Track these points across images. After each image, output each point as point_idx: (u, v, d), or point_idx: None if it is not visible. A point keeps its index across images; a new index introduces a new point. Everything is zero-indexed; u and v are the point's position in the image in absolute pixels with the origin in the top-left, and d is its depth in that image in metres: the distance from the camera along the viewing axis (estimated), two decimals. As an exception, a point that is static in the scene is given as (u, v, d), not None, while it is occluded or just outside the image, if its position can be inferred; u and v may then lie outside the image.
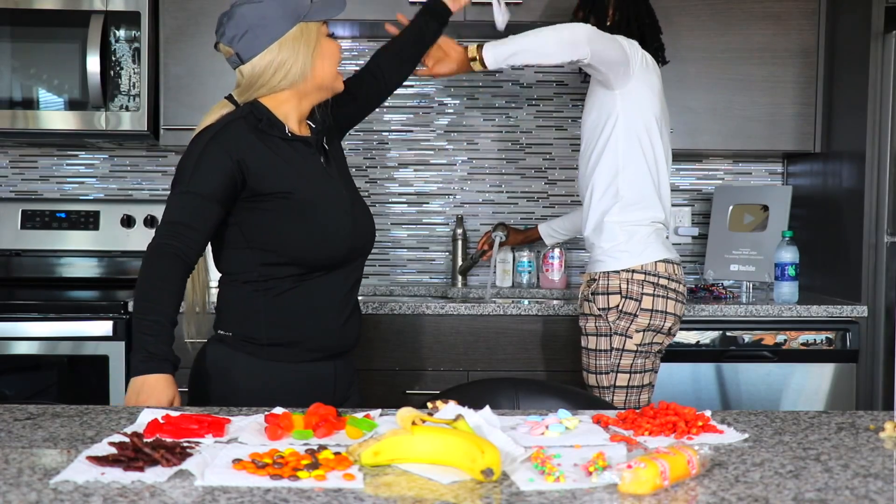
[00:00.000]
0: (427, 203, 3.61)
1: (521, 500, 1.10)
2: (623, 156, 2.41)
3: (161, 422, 1.38)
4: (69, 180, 3.54)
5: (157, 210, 3.34)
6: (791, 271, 3.05)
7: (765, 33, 3.23)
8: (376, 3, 3.13)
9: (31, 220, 3.38)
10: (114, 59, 3.09)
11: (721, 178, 3.64)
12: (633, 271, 2.39)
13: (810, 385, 2.99)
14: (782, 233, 3.14)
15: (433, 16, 2.23)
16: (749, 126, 3.26)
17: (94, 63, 3.03)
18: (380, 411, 1.51)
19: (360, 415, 1.46)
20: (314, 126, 1.96)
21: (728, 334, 2.98)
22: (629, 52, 2.38)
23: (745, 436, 1.41)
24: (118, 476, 1.16)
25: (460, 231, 3.52)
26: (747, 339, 2.98)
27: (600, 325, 2.42)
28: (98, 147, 3.52)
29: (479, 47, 2.29)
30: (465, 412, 1.30)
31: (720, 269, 3.39)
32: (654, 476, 1.12)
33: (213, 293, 1.97)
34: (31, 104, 3.10)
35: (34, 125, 3.11)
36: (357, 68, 2.33)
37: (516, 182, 3.61)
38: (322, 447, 1.28)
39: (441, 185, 3.60)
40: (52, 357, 2.87)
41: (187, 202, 1.79)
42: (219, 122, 1.85)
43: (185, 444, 1.29)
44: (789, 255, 3.05)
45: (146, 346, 1.70)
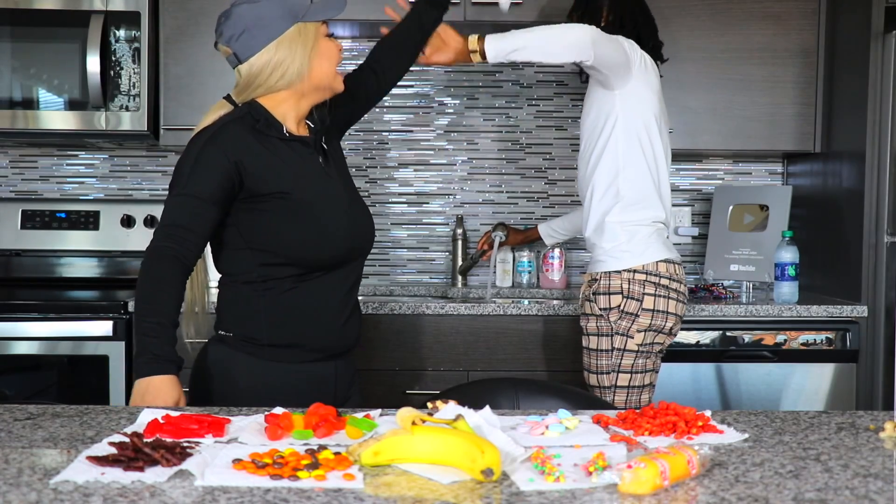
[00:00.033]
0: (427, 203, 3.61)
1: (521, 500, 1.10)
2: (623, 156, 2.41)
3: (161, 422, 1.38)
4: (69, 180, 3.54)
5: (158, 210, 3.34)
6: (791, 271, 3.05)
7: (765, 33, 3.23)
8: (376, 3, 3.10)
9: (31, 220, 3.38)
10: (114, 59, 3.09)
11: (721, 178, 3.64)
12: (635, 271, 2.38)
13: (810, 385, 2.99)
14: (782, 233, 3.14)
15: (433, 4, 2.20)
16: (749, 126, 3.26)
17: (94, 63, 3.03)
18: (380, 411, 1.51)
19: (360, 415, 1.46)
20: (313, 126, 1.96)
21: (728, 334, 2.98)
22: (630, 54, 2.37)
23: (745, 436, 1.41)
24: (118, 476, 1.16)
25: (460, 231, 3.52)
26: (747, 339, 2.98)
27: (601, 324, 2.42)
28: (98, 147, 3.52)
29: (481, 39, 2.24)
30: (465, 412, 1.30)
31: (720, 269, 3.39)
32: (654, 476, 1.12)
33: (213, 293, 1.97)
34: (31, 104, 3.10)
35: (34, 125, 3.11)
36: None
37: (516, 182, 3.61)
38: (322, 447, 1.28)
39: (441, 185, 3.60)
40: (52, 357, 2.87)
41: (185, 205, 1.79)
42: (216, 123, 1.85)
43: (185, 444, 1.29)
44: (789, 255, 3.05)
45: (150, 347, 1.70)
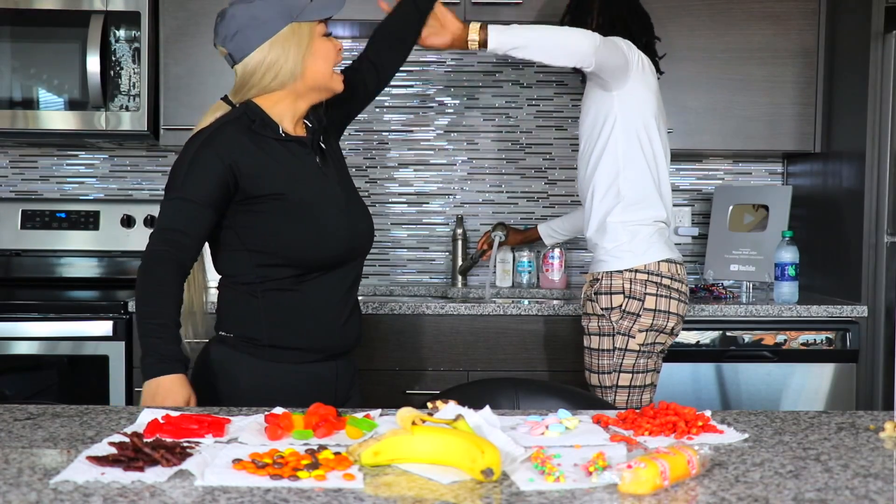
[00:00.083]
0: (427, 203, 3.60)
1: (521, 500, 1.10)
2: (623, 156, 2.41)
3: (161, 422, 1.38)
4: (69, 180, 3.54)
5: (157, 210, 3.33)
6: (791, 271, 3.05)
7: (765, 33, 3.23)
8: (376, 3, 3.12)
9: (31, 220, 3.38)
10: (114, 59, 3.09)
11: (721, 178, 3.64)
12: (637, 271, 2.38)
13: (810, 385, 2.99)
14: (782, 233, 3.14)
15: None
16: (749, 126, 3.26)
17: (94, 63, 3.03)
18: (380, 411, 1.51)
19: (360, 415, 1.46)
20: (311, 126, 1.95)
21: (728, 334, 2.98)
22: (628, 55, 2.37)
23: (745, 436, 1.41)
24: (118, 476, 1.16)
25: (460, 231, 3.52)
26: (747, 339, 2.97)
27: (603, 324, 2.42)
28: (98, 147, 3.52)
29: (483, 28, 2.20)
30: (465, 412, 1.30)
31: (720, 269, 3.39)
32: (654, 476, 1.12)
33: (212, 294, 1.97)
34: (31, 104, 3.10)
35: (34, 125, 3.10)
36: (356, 67, 2.30)
37: (516, 182, 3.61)
38: (322, 447, 1.28)
39: (441, 185, 3.60)
40: (52, 357, 2.87)
41: (180, 208, 1.79)
42: (212, 125, 1.85)
43: (185, 444, 1.29)
44: (789, 255, 3.05)
45: (156, 348, 1.70)
